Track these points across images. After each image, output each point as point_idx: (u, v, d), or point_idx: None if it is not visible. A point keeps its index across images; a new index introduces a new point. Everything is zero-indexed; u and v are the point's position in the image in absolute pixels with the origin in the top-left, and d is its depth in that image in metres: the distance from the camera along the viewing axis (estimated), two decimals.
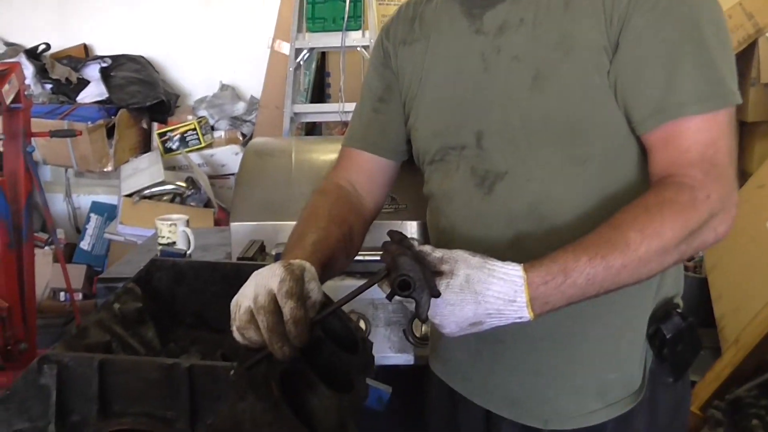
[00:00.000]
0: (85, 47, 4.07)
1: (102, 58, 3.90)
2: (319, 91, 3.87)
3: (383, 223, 1.15)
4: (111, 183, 3.86)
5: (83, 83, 3.84)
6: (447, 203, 1.04)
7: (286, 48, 3.60)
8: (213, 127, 3.93)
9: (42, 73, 3.83)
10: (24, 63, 3.68)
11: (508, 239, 0.97)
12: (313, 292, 0.83)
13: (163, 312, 1.00)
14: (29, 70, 3.73)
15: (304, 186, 1.68)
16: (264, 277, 0.80)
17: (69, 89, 3.81)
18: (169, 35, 4.00)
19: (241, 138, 3.90)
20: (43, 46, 3.95)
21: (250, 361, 0.73)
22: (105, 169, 3.73)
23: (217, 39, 3.98)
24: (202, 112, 3.94)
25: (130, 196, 3.55)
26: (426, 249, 0.81)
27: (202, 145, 3.78)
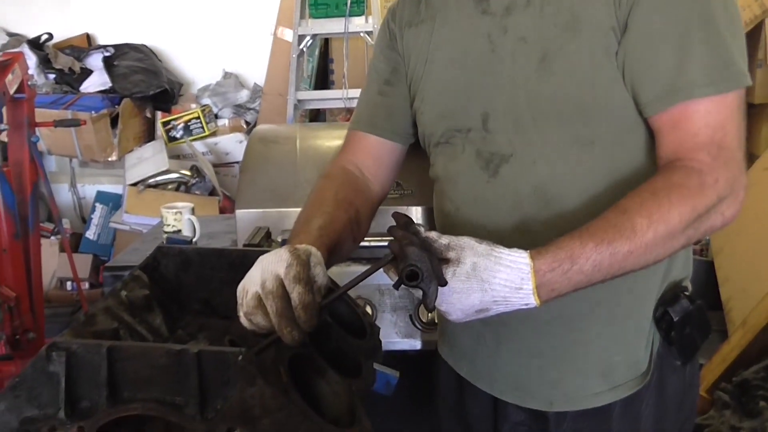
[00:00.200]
0: (87, 37, 4.06)
1: (105, 47, 3.90)
2: (323, 78, 3.86)
3: (388, 209, 1.14)
4: (116, 172, 3.87)
5: (86, 73, 3.84)
6: (452, 186, 1.04)
7: (288, 35, 3.59)
8: (217, 116, 3.92)
9: (45, 63, 3.82)
10: (27, 53, 3.68)
11: (514, 222, 0.97)
12: (319, 276, 0.83)
13: (171, 299, 1.00)
14: (32, 60, 3.72)
15: (309, 172, 1.67)
16: (270, 262, 0.80)
17: (72, 79, 3.81)
18: (171, 23, 3.99)
19: (244, 126, 3.90)
20: (45, 36, 3.94)
21: (258, 346, 0.73)
22: (109, 159, 3.73)
23: (220, 27, 3.96)
24: (206, 101, 3.94)
25: (134, 185, 3.55)
26: (432, 235, 0.81)
27: (206, 133, 3.77)
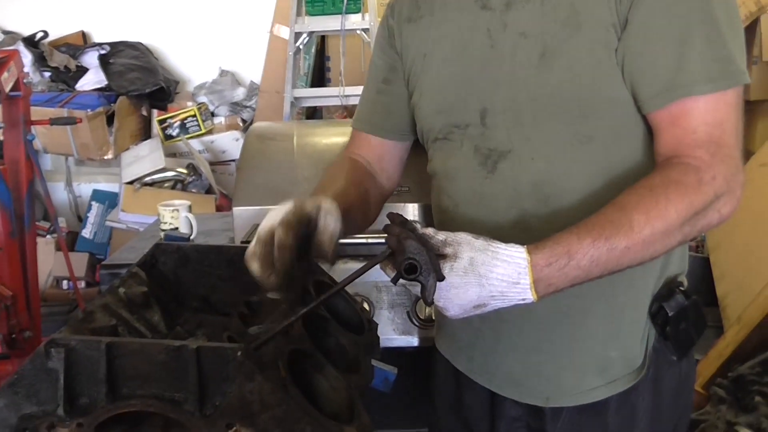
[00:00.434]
0: (83, 34, 4.05)
1: (100, 45, 3.89)
2: (320, 75, 3.86)
3: (385, 206, 1.15)
4: (112, 171, 3.86)
5: (82, 71, 3.83)
6: (450, 182, 1.04)
7: (285, 32, 3.59)
8: (213, 113, 3.92)
9: (40, 61, 3.81)
10: (22, 51, 3.66)
11: (512, 218, 0.97)
12: (330, 225, 0.83)
13: (169, 296, 1.00)
14: (27, 58, 3.71)
15: (306, 170, 1.67)
16: (275, 211, 0.82)
17: (68, 77, 3.80)
18: (167, 21, 3.98)
19: (241, 124, 3.89)
20: (40, 34, 3.93)
21: (257, 341, 0.73)
22: (105, 157, 3.72)
23: (216, 24, 3.95)
24: (202, 99, 3.93)
25: (131, 183, 3.55)
26: (429, 232, 0.81)
27: (203, 131, 3.77)
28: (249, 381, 0.70)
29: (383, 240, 0.84)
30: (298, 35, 3.35)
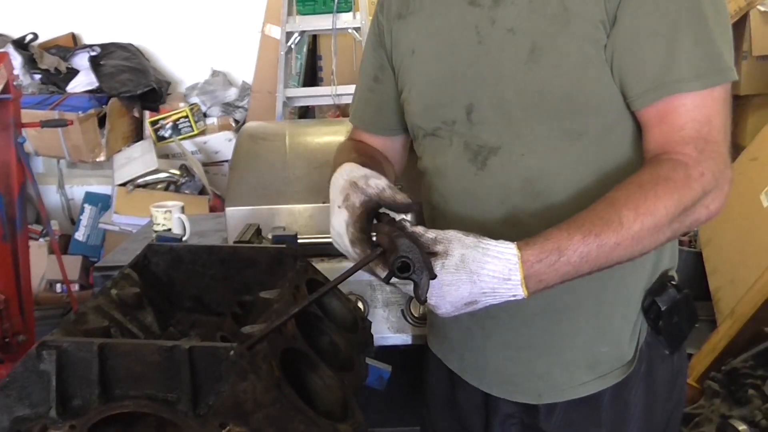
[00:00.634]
0: (73, 36, 4.02)
1: (91, 46, 3.87)
2: (312, 75, 3.85)
3: None
4: (104, 173, 3.85)
5: (73, 73, 3.81)
6: (440, 179, 1.04)
7: (276, 32, 3.58)
8: (205, 114, 3.91)
9: (30, 63, 3.79)
10: (12, 53, 3.64)
11: (502, 215, 0.97)
12: (378, 183, 0.87)
13: (162, 297, 1.00)
14: (17, 60, 3.69)
15: (299, 169, 1.67)
16: (338, 225, 0.88)
17: (58, 79, 3.78)
18: (158, 22, 3.96)
19: (233, 124, 3.88)
20: (30, 36, 3.90)
21: (250, 341, 0.73)
22: (98, 159, 3.71)
23: (208, 24, 3.94)
24: (194, 99, 3.92)
25: (123, 185, 3.53)
26: (418, 230, 0.81)
27: (195, 132, 3.76)
28: (242, 380, 0.70)
29: (375, 239, 0.84)
30: (289, 35, 3.35)
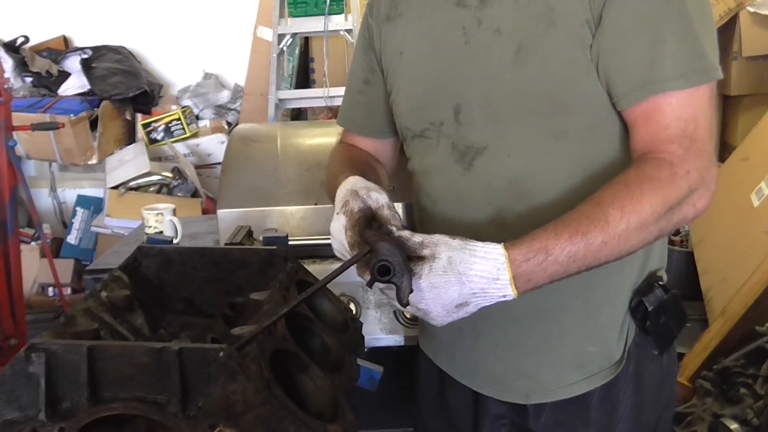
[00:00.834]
0: (64, 39, 4.01)
1: (82, 49, 3.86)
2: (304, 77, 3.85)
3: None
4: (96, 176, 3.83)
5: (64, 75, 3.80)
6: (428, 180, 1.04)
7: (268, 34, 3.58)
8: (198, 117, 3.90)
9: (22, 66, 3.78)
10: (2, 56, 3.63)
11: (489, 215, 0.97)
12: (379, 199, 0.89)
13: (152, 299, 1.00)
14: (8, 63, 3.68)
15: (291, 171, 1.67)
16: (336, 231, 0.90)
17: (50, 82, 3.77)
18: (150, 24, 3.96)
19: (226, 126, 3.88)
20: (21, 39, 3.89)
21: (239, 342, 0.73)
22: (90, 162, 3.70)
23: (200, 27, 3.94)
24: (186, 102, 3.91)
25: (115, 188, 3.52)
26: (405, 234, 0.81)
27: (187, 134, 3.75)
28: (232, 381, 0.70)
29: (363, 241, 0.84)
30: (281, 37, 3.35)
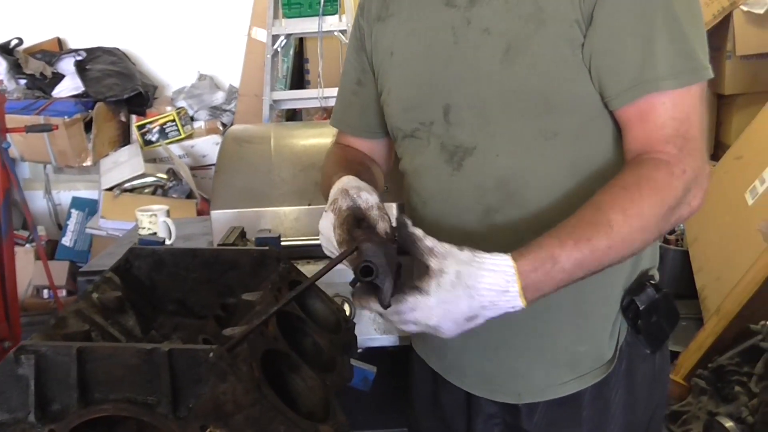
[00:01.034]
0: (58, 41, 4.00)
1: (76, 51, 3.84)
2: (299, 78, 3.85)
3: None
4: (91, 178, 3.82)
5: (58, 77, 3.79)
6: (418, 180, 1.04)
7: (262, 35, 3.58)
8: (192, 118, 3.90)
9: (15, 68, 3.77)
10: None
11: (478, 215, 0.97)
12: (369, 199, 0.89)
13: (144, 300, 1.00)
14: (2, 65, 3.68)
15: (284, 171, 1.67)
16: (325, 228, 0.90)
17: (44, 84, 3.76)
18: (144, 26, 3.95)
19: (221, 128, 3.87)
20: (15, 41, 3.88)
21: (229, 342, 0.73)
22: (84, 164, 3.69)
23: (194, 28, 3.93)
24: (181, 103, 3.91)
25: (110, 190, 3.52)
26: (417, 233, 0.80)
27: (182, 136, 3.75)
28: (222, 382, 0.70)
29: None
30: (275, 38, 3.34)
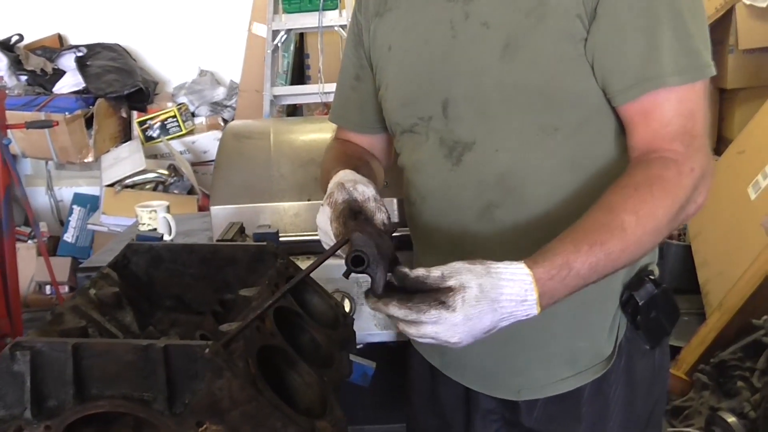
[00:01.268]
0: (59, 37, 4.00)
1: (77, 47, 3.84)
2: (299, 73, 3.84)
3: None
4: (92, 174, 3.83)
5: (59, 74, 3.78)
6: (417, 175, 1.04)
7: (262, 30, 3.57)
8: (193, 114, 3.89)
9: (16, 64, 3.76)
10: None
11: (478, 210, 0.97)
12: (366, 191, 0.89)
13: (142, 296, 0.99)
14: (3, 62, 3.67)
15: (284, 167, 1.67)
16: (322, 222, 0.92)
17: (45, 80, 3.75)
18: (144, 22, 3.95)
19: (222, 123, 3.87)
20: (16, 38, 3.87)
21: (225, 338, 0.72)
22: (86, 160, 3.69)
23: (194, 24, 3.92)
24: (182, 99, 3.90)
25: (111, 186, 3.52)
26: (420, 274, 0.77)
27: (183, 132, 3.74)
28: (218, 378, 0.69)
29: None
30: (275, 33, 3.33)
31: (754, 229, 2.33)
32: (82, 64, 3.74)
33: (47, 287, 3.51)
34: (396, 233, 0.97)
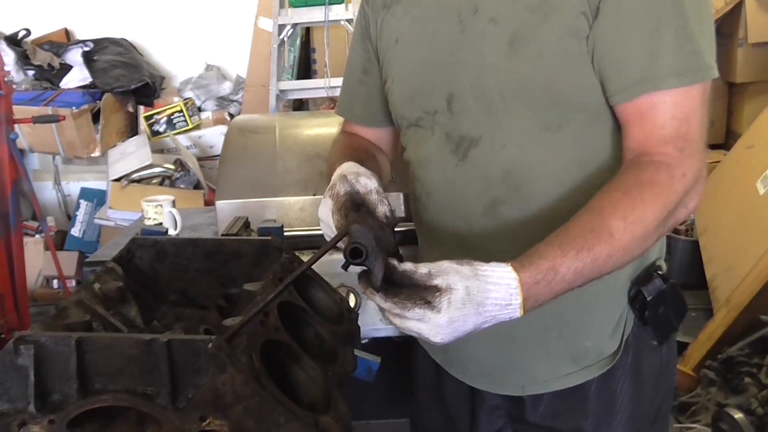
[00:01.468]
0: (66, 32, 4.01)
1: (84, 42, 3.85)
2: (305, 68, 3.84)
3: None
4: (99, 168, 3.84)
5: (66, 68, 3.79)
6: (422, 170, 1.03)
7: (268, 24, 3.57)
8: (200, 108, 3.90)
9: (23, 59, 3.78)
10: (4, 50, 3.64)
11: (483, 206, 0.96)
12: (368, 184, 0.89)
13: (146, 290, 0.99)
14: (10, 57, 3.68)
15: (289, 161, 1.66)
16: (324, 214, 0.91)
17: (52, 75, 3.77)
18: (151, 16, 3.95)
19: (228, 118, 3.87)
20: (23, 32, 3.88)
21: (228, 332, 0.72)
22: (92, 155, 3.70)
23: (201, 18, 3.93)
24: (188, 94, 3.91)
25: (118, 180, 3.53)
26: (408, 268, 0.77)
27: (190, 126, 3.75)
28: (221, 373, 0.69)
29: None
30: (281, 27, 3.33)
31: (763, 224, 2.31)
32: (88, 58, 3.75)
33: (54, 281, 3.52)
34: (402, 228, 0.97)
